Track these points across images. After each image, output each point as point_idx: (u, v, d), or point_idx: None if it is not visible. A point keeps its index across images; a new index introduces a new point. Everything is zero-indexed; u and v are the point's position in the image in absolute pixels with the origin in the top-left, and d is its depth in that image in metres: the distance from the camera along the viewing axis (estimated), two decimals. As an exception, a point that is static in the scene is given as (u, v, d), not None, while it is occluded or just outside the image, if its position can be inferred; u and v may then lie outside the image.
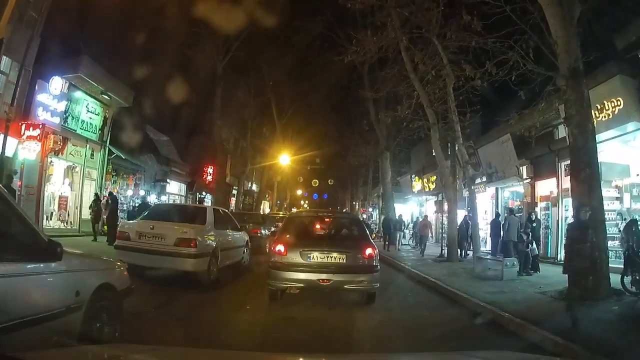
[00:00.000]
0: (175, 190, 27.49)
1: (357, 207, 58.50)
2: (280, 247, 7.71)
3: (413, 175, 30.44)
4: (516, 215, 17.23)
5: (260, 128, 34.69)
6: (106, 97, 18.50)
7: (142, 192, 21.62)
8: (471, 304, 8.11)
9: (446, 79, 13.20)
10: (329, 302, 7.83)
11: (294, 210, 63.87)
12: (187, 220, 9.06)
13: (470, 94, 13.32)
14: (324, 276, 7.43)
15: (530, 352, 4.90)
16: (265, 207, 44.50)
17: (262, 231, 15.97)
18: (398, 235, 21.46)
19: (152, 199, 22.95)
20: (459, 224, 16.33)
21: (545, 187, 17.05)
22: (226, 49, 24.49)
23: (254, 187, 41.42)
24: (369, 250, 7.79)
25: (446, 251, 17.24)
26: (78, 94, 17.88)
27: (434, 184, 25.92)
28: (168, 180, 25.08)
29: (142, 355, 2.77)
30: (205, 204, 28.55)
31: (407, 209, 34.21)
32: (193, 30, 23.24)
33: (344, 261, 7.59)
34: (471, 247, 16.15)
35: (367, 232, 9.19)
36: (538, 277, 11.71)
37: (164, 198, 24.27)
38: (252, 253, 13.31)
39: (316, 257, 7.59)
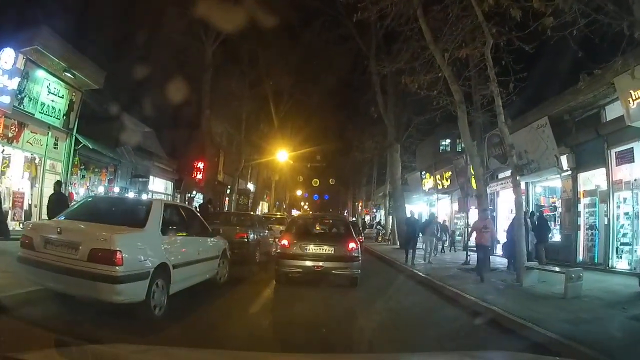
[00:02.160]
0: (160, 188, 24.69)
1: (359, 208, 55.87)
2: (285, 242, 10.07)
3: (423, 172, 27.70)
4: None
5: (256, 122, 31.95)
6: (70, 75, 15.68)
7: (116, 189, 18.84)
8: (559, 345, 5.29)
9: (484, 40, 10.37)
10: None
11: (294, 211, 62.75)
12: (117, 221, 6.06)
13: (512, 59, 10.50)
14: (317, 263, 9.62)
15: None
16: (263, 208, 41.76)
17: (251, 235, 13.07)
18: (429, 244, 15.66)
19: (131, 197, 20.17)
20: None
21: (591, 179, 14.33)
22: (217, 32, 21.91)
23: (251, 187, 38.68)
24: (351, 245, 10.01)
25: (471, 258, 14.56)
26: (37, 72, 15.08)
27: (449, 180, 23.17)
28: (148, 177, 22.29)
29: (142, 355, 2.83)
30: (195, 204, 25.88)
31: (414, 210, 31.42)
32: (178, 10, 20.69)
33: (332, 252, 9.76)
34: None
35: (352, 230, 11.29)
36: (605, 292, 8.97)
37: (144, 197, 21.45)
38: (235, 264, 10.55)
39: (311, 249, 9.81)
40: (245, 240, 12.64)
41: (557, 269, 9.44)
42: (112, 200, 8.75)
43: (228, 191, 33.31)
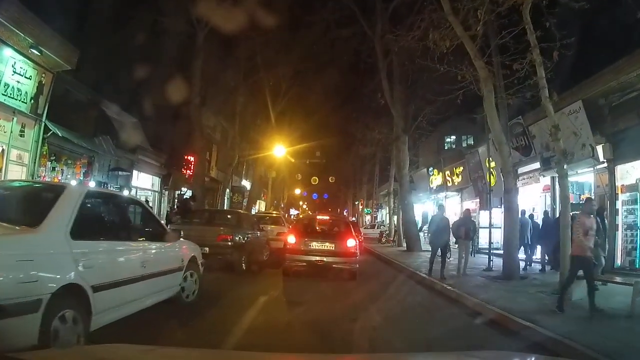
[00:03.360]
0: (146, 184, 22.74)
1: (359, 207, 54.12)
2: (291, 239, 11.16)
3: (431, 169, 25.82)
4: (527, 215, 13.91)
5: (252, 116, 30.10)
6: (37, 52, 13.77)
7: (92, 184, 16.94)
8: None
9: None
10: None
11: (292, 211, 61.32)
12: (7, 217, 3.96)
13: (553, 24, 8.56)
14: (319, 258, 10.74)
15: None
16: (261, 207, 39.83)
17: (238, 237, 11.10)
18: (464, 249, 12.16)
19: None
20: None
21: (630, 172, 12.50)
22: (209, 15, 20.05)
23: (247, 185, 36.82)
24: (350, 242, 11.07)
25: (493, 263, 12.73)
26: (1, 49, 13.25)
27: (460, 176, 21.32)
28: (132, 171, 20.39)
29: (142, 355, 2.82)
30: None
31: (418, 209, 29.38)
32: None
33: (333, 248, 10.92)
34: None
35: (352, 228, 12.31)
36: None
37: (126, 193, 19.50)
38: (217, 272, 8.90)
39: (314, 245, 10.99)
40: (229, 243, 10.61)
41: (628, 281, 7.54)
42: (12, 188, 5.47)
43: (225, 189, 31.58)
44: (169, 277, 5.90)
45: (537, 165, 14.74)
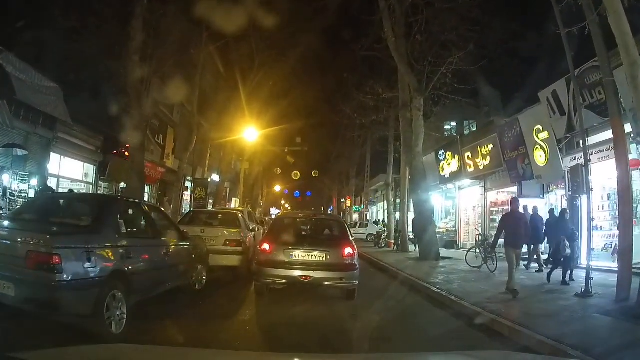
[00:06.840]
0: (74, 172, 17.13)
1: (345, 205, 49.34)
2: (265, 246, 8.39)
3: (441, 152, 20.79)
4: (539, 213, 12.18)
5: (218, 93, 25.00)
6: None
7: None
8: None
9: None
10: None
11: (273, 210, 56.94)
12: None
13: None
14: (305, 273, 8.00)
15: None
16: (237, 205, 34.70)
17: (86, 259, 4.72)
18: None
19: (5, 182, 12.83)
20: None
21: None
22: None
23: (218, 179, 31.63)
24: (348, 250, 8.32)
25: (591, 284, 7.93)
26: None
27: (488, 157, 16.31)
28: (46, 153, 14.99)
29: (142, 355, 2.74)
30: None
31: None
32: None
33: (324, 259, 8.16)
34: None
35: (349, 232, 9.35)
36: None
37: (33, 183, 14.03)
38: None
39: (298, 255, 8.18)
40: (58, 277, 4.37)
41: None
42: None
43: (188, 183, 26.46)
44: None
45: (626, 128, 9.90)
